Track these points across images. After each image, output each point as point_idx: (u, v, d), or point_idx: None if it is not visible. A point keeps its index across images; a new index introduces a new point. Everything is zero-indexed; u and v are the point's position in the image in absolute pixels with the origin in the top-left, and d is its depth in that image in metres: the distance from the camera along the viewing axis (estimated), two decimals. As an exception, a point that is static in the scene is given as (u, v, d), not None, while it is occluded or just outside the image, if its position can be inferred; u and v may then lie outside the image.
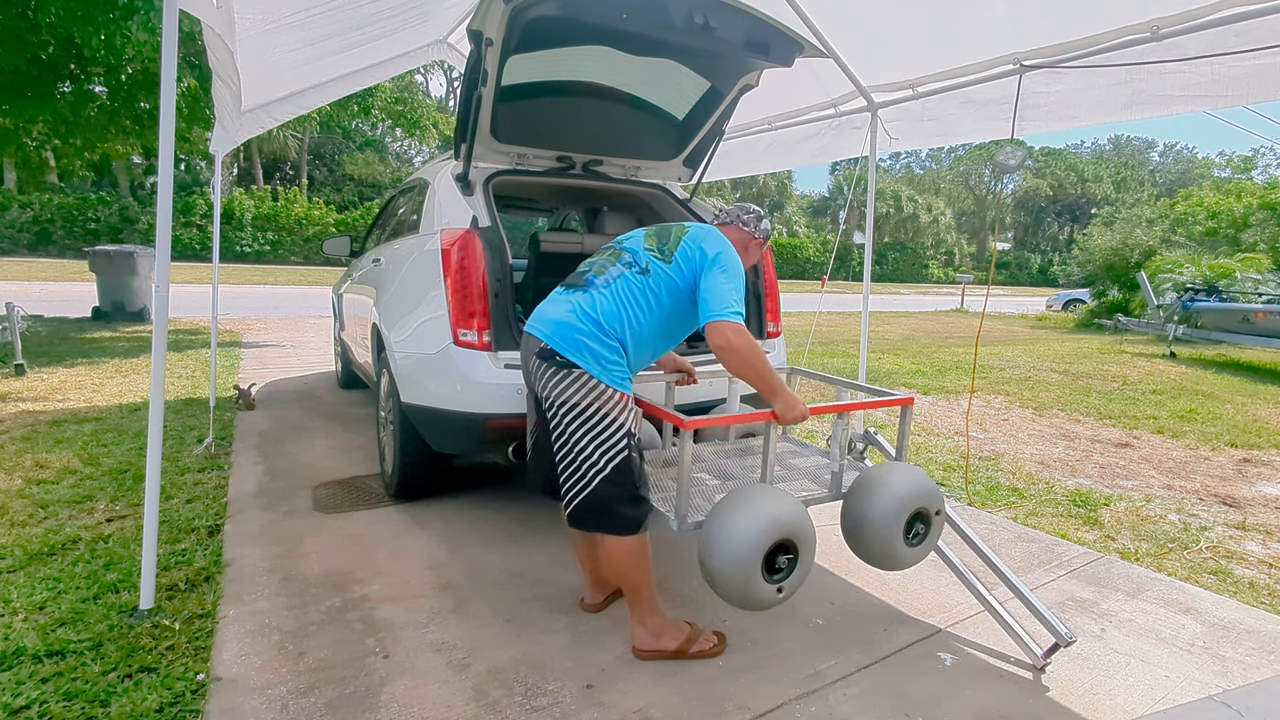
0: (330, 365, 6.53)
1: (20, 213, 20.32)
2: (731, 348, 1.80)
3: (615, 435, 1.84)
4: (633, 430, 1.88)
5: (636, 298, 1.92)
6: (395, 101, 11.78)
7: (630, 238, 2.08)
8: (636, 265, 1.96)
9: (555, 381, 1.86)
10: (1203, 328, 10.42)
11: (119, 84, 7.86)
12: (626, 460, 1.85)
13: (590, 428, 1.83)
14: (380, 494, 3.28)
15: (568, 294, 1.98)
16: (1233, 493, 3.90)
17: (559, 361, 1.85)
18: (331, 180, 31.17)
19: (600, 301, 1.91)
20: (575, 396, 1.84)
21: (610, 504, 1.85)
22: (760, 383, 1.86)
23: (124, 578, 2.30)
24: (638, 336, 1.92)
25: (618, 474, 1.84)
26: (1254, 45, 2.52)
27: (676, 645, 2.01)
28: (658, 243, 2.01)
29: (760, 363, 1.83)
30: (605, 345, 1.87)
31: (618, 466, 1.84)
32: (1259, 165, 36.53)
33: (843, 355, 8.95)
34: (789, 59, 2.78)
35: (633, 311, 1.91)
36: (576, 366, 1.84)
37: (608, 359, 1.86)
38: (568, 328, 1.88)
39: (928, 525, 2.07)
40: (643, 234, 2.08)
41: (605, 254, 2.07)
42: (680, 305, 1.95)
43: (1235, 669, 2.12)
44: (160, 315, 2.18)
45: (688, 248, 1.94)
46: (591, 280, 1.98)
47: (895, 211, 42.31)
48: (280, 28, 3.11)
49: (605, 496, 1.84)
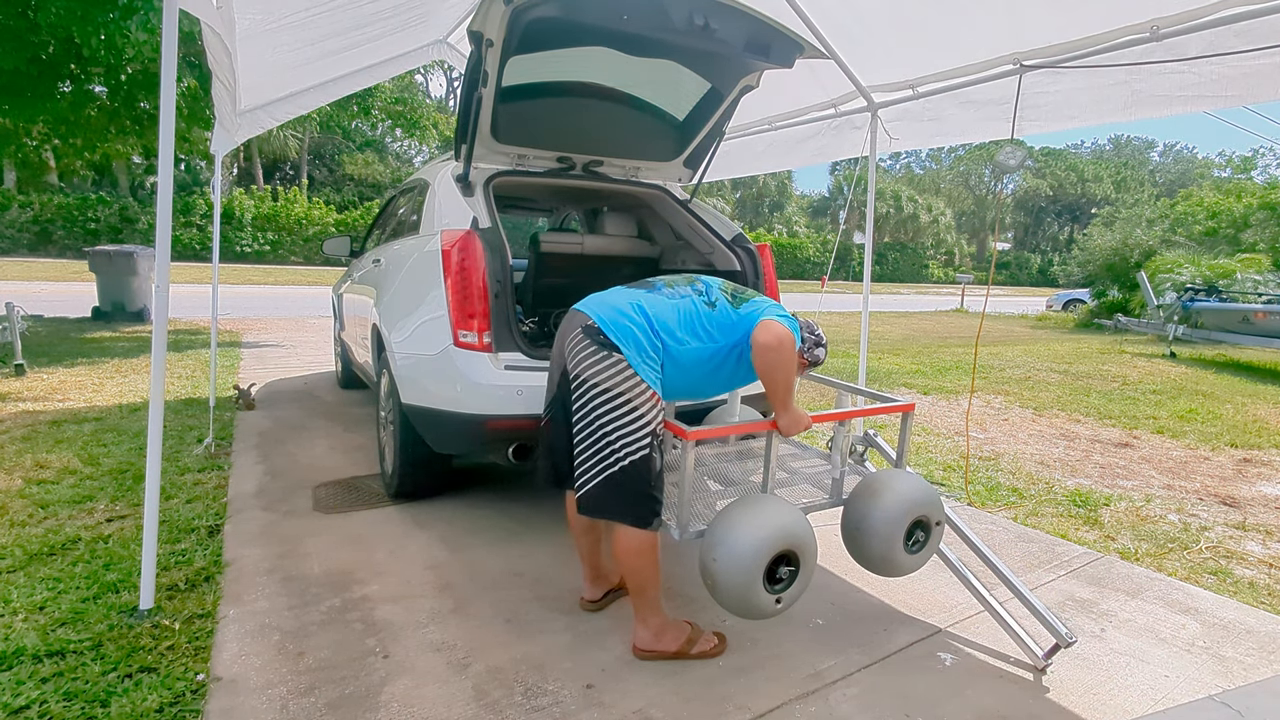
0: (330, 365, 6.53)
1: (20, 213, 20.30)
2: (780, 350, 1.82)
3: (639, 429, 1.82)
4: (657, 431, 1.86)
5: (693, 321, 1.94)
6: (395, 102, 11.79)
7: (710, 277, 2.14)
8: (706, 297, 2.00)
9: (592, 360, 1.84)
10: (1203, 328, 10.42)
11: (119, 84, 7.85)
12: (646, 459, 1.83)
13: (616, 415, 1.82)
14: (380, 494, 3.28)
15: (630, 290, 2.01)
16: (1233, 493, 3.90)
17: (601, 341, 1.84)
18: (331, 180, 31.16)
19: (660, 305, 1.94)
20: (607, 380, 1.82)
21: (622, 494, 1.83)
22: (782, 391, 1.88)
23: (124, 578, 2.30)
24: (681, 354, 1.92)
25: (634, 469, 1.82)
26: (1254, 45, 2.52)
27: (677, 646, 2.01)
28: (734, 292, 2.06)
29: (791, 375, 1.87)
30: (650, 344, 1.87)
31: (635, 462, 1.82)
32: (1259, 165, 36.60)
33: (843, 355, 8.95)
34: (789, 60, 2.78)
35: (687, 328, 1.93)
36: (618, 350, 1.83)
37: (649, 355, 1.86)
38: (620, 312, 1.89)
39: (928, 533, 2.07)
40: (722, 281, 2.13)
41: (681, 277, 2.11)
42: (727, 352, 1.96)
43: (1235, 669, 2.12)
44: (160, 315, 2.18)
45: (755, 307, 1.99)
46: (659, 287, 2.02)
47: (895, 211, 42.33)
48: (280, 28, 3.11)
49: (618, 486, 1.82)
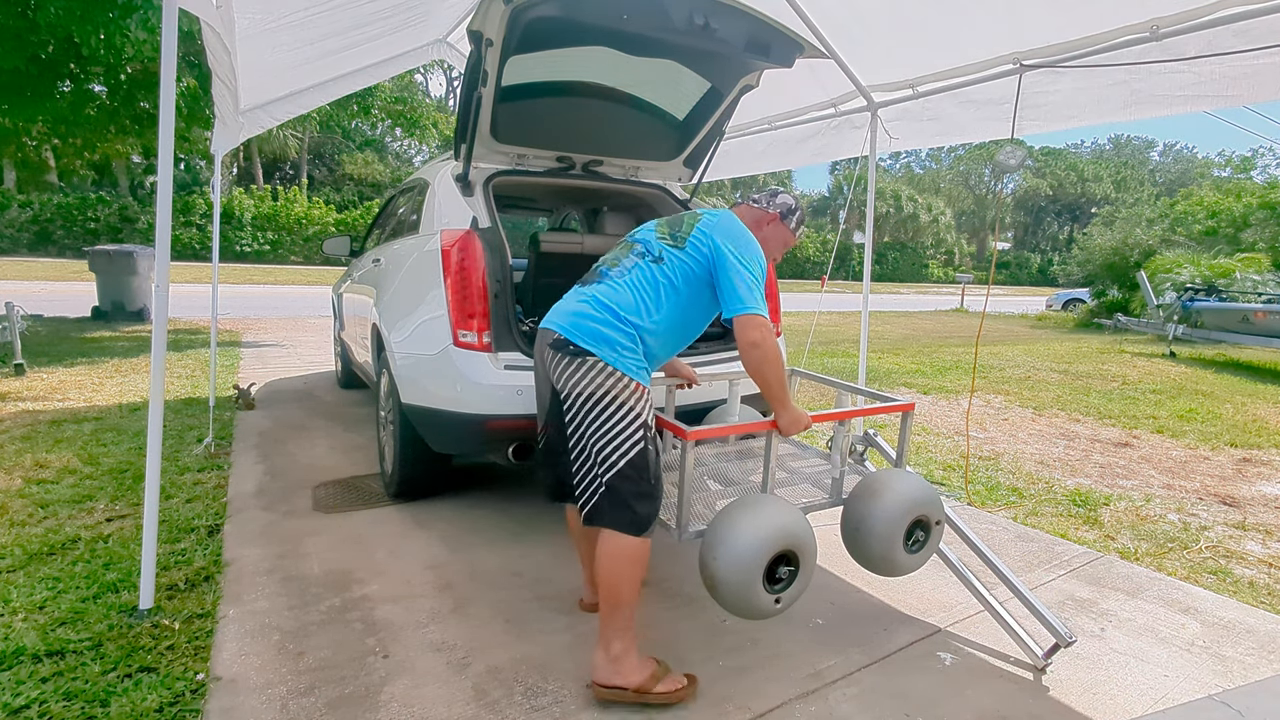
0: (330, 365, 6.53)
1: (20, 212, 20.32)
2: (762, 346, 1.79)
3: (631, 426, 1.78)
4: (649, 423, 1.83)
5: (653, 286, 1.89)
6: (395, 101, 11.81)
7: (642, 229, 2.05)
8: (650, 254, 1.93)
9: (570, 371, 1.81)
10: (1202, 327, 10.42)
11: (118, 83, 7.85)
12: (642, 453, 1.79)
13: (605, 417, 1.78)
14: (380, 494, 3.28)
15: (582, 289, 1.96)
16: (1232, 492, 3.90)
17: (572, 350, 1.81)
18: (331, 180, 31.15)
19: (615, 290, 1.88)
20: (590, 385, 1.79)
21: (624, 498, 1.78)
22: (776, 389, 1.85)
23: (124, 577, 2.30)
24: (656, 326, 1.88)
25: (632, 468, 1.77)
26: (1254, 45, 2.52)
27: (640, 681, 1.82)
28: (670, 230, 1.97)
29: (781, 370, 1.84)
30: (621, 333, 1.83)
31: (632, 460, 1.77)
32: (1259, 165, 36.64)
33: (843, 355, 8.95)
34: (789, 60, 2.78)
35: (649, 300, 1.87)
36: (591, 354, 1.79)
37: (623, 345, 1.82)
38: (582, 316, 1.86)
39: (927, 533, 2.07)
40: (654, 224, 2.04)
41: (618, 248, 2.05)
42: (698, 293, 1.91)
43: (1235, 669, 2.12)
44: (160, 315, 2.18)
45: (700, 235, 1.90)
46: (605, 273, 1.96)
47: (895, 211, 42.30)
48: (280, 27, 3.11)
49: (619, 490, 1.78)
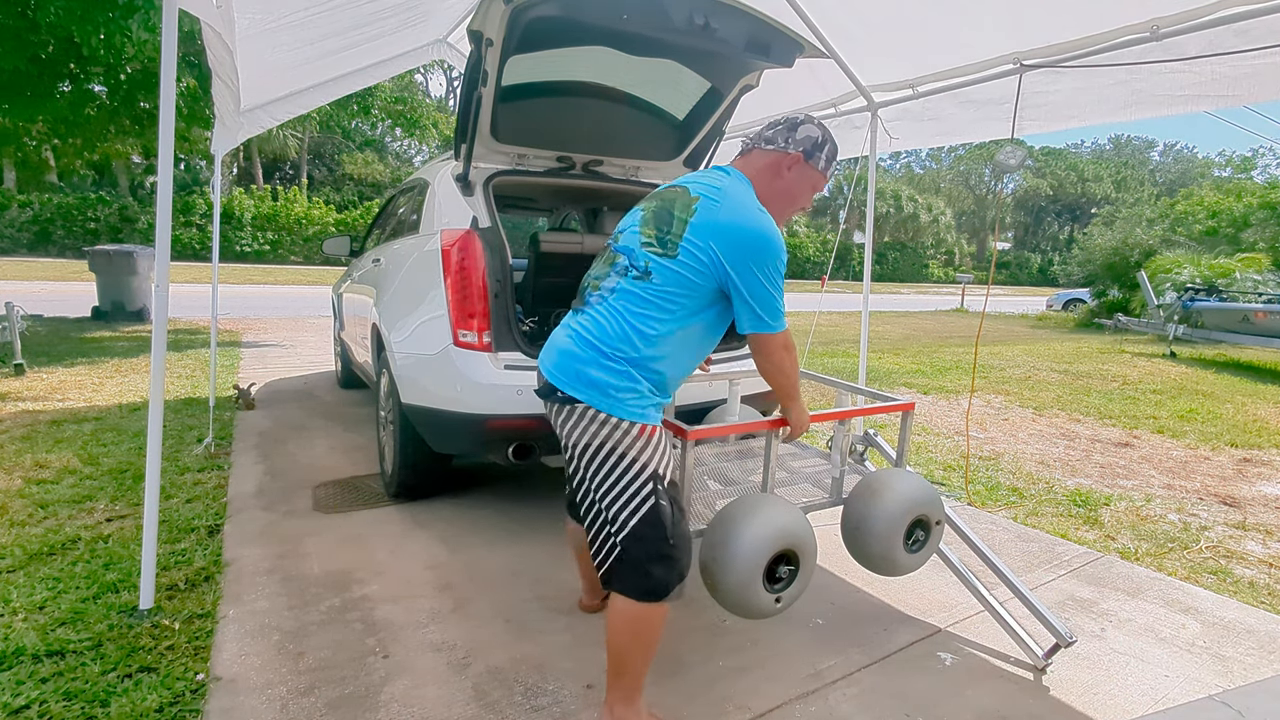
0: (330, 365, 6.53)
1: (20, 212, 20.31)
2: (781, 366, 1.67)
3: (638, 479, 1.57)
4: (660, 472, 1.60)
5: (640, 307, 1.59)
6: (395, 101, 11.81)
7: (624, 232, 1.72)
8: (634, 268, 1.62)
9: (562, 420, 1.64)
10: (1203, 327, 10.42)
11: (119, 83, 7.85)
12: (654, 509, 1.57)
13: (608, 471, 1.58)
14: (380, 494, 3.28)
15: (571, 317, 1.74)
16: (1233, 492, 3.90)
17: (559, 398, 1.62)
18: (331, 180, 31.15)
19: (598, 322, 1.62)
20: (585, 435, 1.60)
21: (638, 561, 1.57)
22: (790, 389, 1.77)
23: (124, 577, 2.30)
24: (655, 353, 1.60)
25: (647, 526, 1.56)
26: (1254, 45, 2.52)
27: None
28: (657, 232, 1.62)
29: (795, 373, 1.73)
30: (611, 372, 1.58)
31: (644, 518, 1.56)
32: (1259, 165, 36.65)
33: (843, 355, 8.95)
34: (789, 59, 2.78)
35: (639, 326, 1.58)
36: (578, 402, 1.59)
37: (615, 387, 1.57)
38: (567, 357, 1.63)
39: (927, 532, 2.07)
40: (638, 222, 1.69)
41: (601, 260, 1.76)
42: (701, 303, 1.61)
43: (1235, 669, 2.12)
44: (160, 315, 2.18)
45: (695, 241, 1.56)
46: (588, 298, 1.70)
47: (895, 211, 42.27)
48: (280, 27, 3.11)
49: (633, 555, 1.57)
